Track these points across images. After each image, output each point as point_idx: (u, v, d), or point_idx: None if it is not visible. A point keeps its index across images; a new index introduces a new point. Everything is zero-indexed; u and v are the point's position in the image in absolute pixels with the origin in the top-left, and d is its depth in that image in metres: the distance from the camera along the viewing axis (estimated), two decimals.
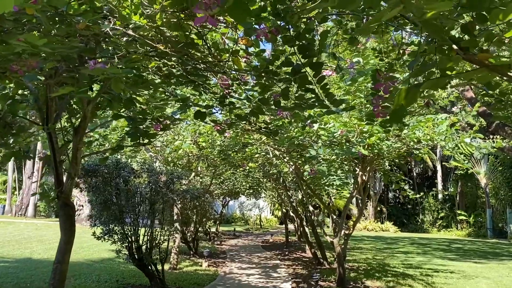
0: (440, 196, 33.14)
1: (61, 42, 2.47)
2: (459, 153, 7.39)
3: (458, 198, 31.58)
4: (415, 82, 2.25)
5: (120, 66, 2.58)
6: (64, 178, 4.34)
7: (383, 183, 33.05)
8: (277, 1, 3.15)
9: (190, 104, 4.68)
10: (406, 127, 5.12)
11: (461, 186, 31.64)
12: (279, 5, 3.18)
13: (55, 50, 2.31)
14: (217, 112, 4.94)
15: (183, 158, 9.53)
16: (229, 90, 4.34)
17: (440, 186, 33.99)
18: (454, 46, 1.85)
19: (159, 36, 3.02)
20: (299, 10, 2.90)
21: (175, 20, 2.88)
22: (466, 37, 2.01)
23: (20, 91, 4.78)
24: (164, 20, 2.85)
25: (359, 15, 3.57)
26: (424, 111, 8.32)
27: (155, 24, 2.77)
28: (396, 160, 8.19)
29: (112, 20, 2.74)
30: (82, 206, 19.56)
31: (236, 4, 1.49)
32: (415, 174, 39.19)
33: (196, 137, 7.18)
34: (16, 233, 15.77)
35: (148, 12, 2.65)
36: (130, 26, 2.65)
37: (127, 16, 2.59)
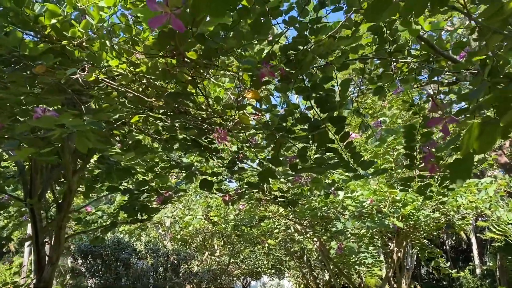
0: (478, 271, 30.69)
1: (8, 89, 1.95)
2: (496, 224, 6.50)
3: (498, 273, 29.10)
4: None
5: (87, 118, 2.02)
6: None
7: (415, 258, 30.93)
8: (288, 46, 2.65)
9: (196, 172, 4.10)
10: (449, 192, 4.37)
11: (501, 259, 29.24)
12: (291, 50, 2.67)
13: None
14: (226, 180, 4.33)
15: (197, 236, 8.76)
16: (239, 155, 3.77)
17: (477, 260, 31.57)
18: None
19: (145, 86, 2.50)
20: (313, 45, 2.37)
21: (164, 66, 2.37)
22: None
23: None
24: (150, 65, 2.34)
25: (386, 59, 3.03)
26: None
27: (137, 69, 2.26)
28: (433, 233, 7.29)
29: (87, 65, 2.24)
30: None
31: None
32: (448, 247, 36.77)
33: (208, 211, 6.52)
34: None
35: (122, 53, 2.15)
36: (103, 70, 2.13)
37: (97, 55, 2.07)
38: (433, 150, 1.54)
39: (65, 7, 2.32)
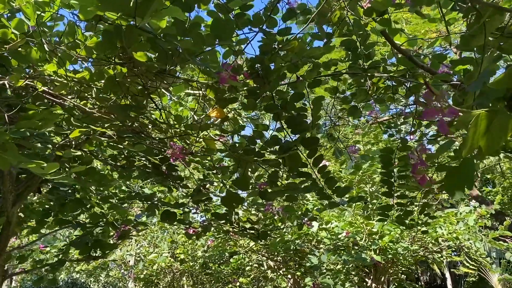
0: None
1: None
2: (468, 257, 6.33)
3: None
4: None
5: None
6: None
7: None
8: (254, 60, 2.40)
9: (158, 203, 3.74)
10: (431, 220, 4.13)
11: None
12: (258, 64, 2.43)
13: None
14: (192, 211, 3.97)
15: (165, 275, 8.20)
16: (204, 183, 3.44)
17: None
18: None
19: (91, 99, 2.18)
20: (283, 46, 2.13)
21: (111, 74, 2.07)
22: None
23: None
24: (94, 72, 2.04)
25: (360, 74, 2.81)
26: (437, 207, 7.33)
27: (78, 75, 1.95)
28: (410, 268, 7.00)
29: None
30: None
31: None
32: (423, 283, 36.50)
33: (174, 248, 6.05)
34: None
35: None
36: (33, 74, 1.81)
37: (25, 54, 1.75)
38: (424, 156, 1.26)
39: None
